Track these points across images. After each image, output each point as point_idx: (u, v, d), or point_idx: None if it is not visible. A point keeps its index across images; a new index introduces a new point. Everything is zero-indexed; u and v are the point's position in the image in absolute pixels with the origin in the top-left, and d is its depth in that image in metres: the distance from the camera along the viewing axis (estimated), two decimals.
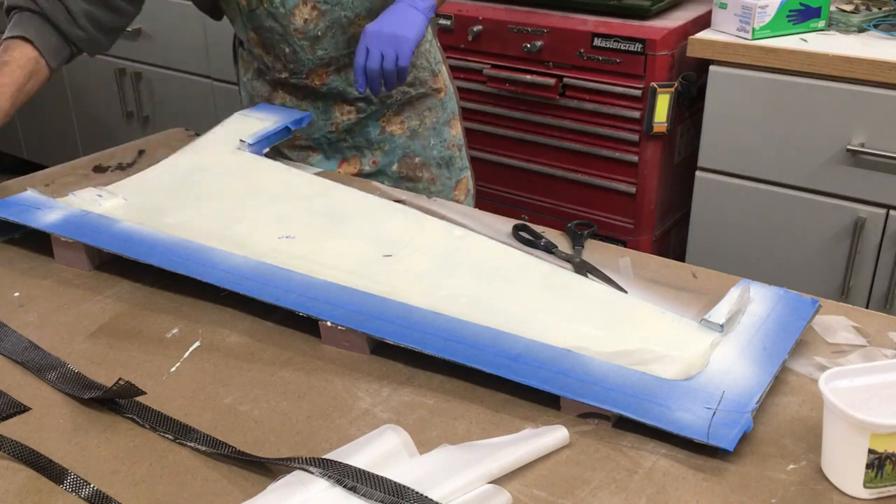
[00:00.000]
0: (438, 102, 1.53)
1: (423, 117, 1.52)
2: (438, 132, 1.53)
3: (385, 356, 0.95)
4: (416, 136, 1.51)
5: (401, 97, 1.48)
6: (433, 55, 1.52)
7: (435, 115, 1.53)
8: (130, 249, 1.09)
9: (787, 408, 0.87)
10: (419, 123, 1.51)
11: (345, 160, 1.51)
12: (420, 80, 1.49)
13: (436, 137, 1.53)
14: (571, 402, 0.85)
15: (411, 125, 1.51)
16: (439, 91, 1.53)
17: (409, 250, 1.10)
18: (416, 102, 1.51)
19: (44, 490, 0.78)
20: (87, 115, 3.13)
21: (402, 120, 1.50)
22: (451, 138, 1.55)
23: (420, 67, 1.49)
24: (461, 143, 1.58)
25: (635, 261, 1.12)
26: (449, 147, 1.55)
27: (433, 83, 1.52)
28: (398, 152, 1.51)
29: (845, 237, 1.83)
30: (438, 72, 1.53)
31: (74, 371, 0.93)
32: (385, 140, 1.50)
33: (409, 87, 1.49)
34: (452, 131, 1.56)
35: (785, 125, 1.83)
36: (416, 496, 0.72)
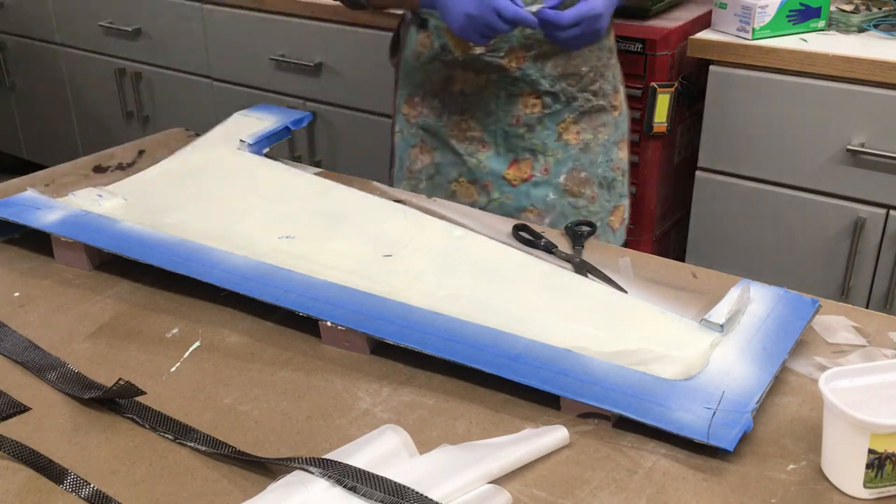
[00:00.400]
0: (613, 120, 1.47)
1: (596, 132, 1.45)
2: (608, 150, 1.47)
3: (385, 356, 0.95)
4: (587, 149, 1.45)
5: (583, 103, 1.42)
6: (615, 72, 1.48)
7: (608, 133, 1.47)
8: (130, 249, 1.09)
9: (787, 408, 0.87)
10: (592, 138, 1.45)
11: (516, 161, 1.43)
12: (603, 91, 1.44)
13: (604, 155, 1.47)
14: (571, 402, 0.85)
15: (585, 137, 1.44)
16: (616, 108, 1.48)
17: (409, 250, 1.10)
18: (594, 115, 1.44)
19: (44, 490, 0.78)
20: (87, 115, 3.13)
21: (578, 130, 1.43)
22: (618, 160, 1.49)
23: (606, 79, 1.44)
24: (625, 169, 1.52)
25: (635, 261, 1.12)
26: (613, 169, 1.48)
27: (613, 99, 1.47)
28: (569, 163, 1.44)
29: (845, 237, 1.83)
30: (618, 90, 1.48)
31: (74, 371, 0.93)
32: (560, 148, 1.43)
33: (594, 96, 1.43)
34: (620, 153, 1.50)
35: (785, 125, 1.83)
36: (416, 496, 0.72)
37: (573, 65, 1.38)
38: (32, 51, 3.16)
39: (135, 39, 2.81)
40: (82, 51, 2.99)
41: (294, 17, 2.39)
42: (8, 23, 3.20)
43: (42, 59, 3.14)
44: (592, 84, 1.42)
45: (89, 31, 2.92)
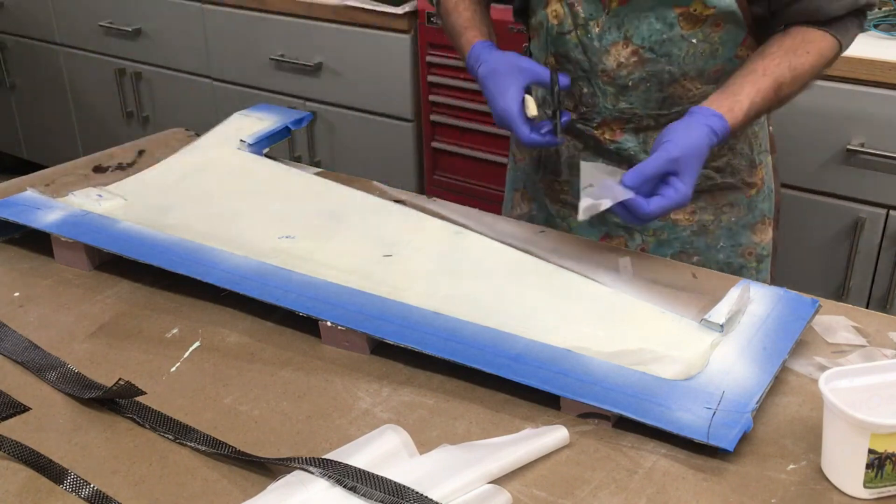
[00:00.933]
0: (745, 199, 1.23)
1: (719, 212, 1.22)
2: (735, 235, 1.23)
3: (385, 356, 0.95)
4: (704, 232, 1.22)
5: (702, 182, 1.17)
6: (760, 141, 1.23)
7: (736, 214, 1.23)
8: (130, 249, 1.09)
9: (787, 408, 0.87)
10: (713, 219, 1.22)
11: (608, 235, 1.25)
12: (733, 168, 1.21)
13: (728, 240, 1.23)
14: (571, 402, 0.85)
15: (703, 218, 1.22)
16: (752, 186, 1.23)
17: (409, 250, 1.10)
18: (716, 193, 1.22)
19: (44, 490, 0.78)
20: (87, 115, 3.13)
21: (694, 209, 1.21)
22: (751, 245, 1.25)
23: (739, 153, 1.21)
24: (765, 254, 1.27)
25: (635, 261, 1.12)
26: (743, 255, 1.25)
27: (748, 175, 1.22)
28: (676, 246, 1.23)
29: (845, 237, 1.83)
30: (760, 163, 1.24)
31: (74, 371, 0.93)
32: (665, 228, 1.22)
33: (716, 173, 1.20)
34: (756, 237, 1.25)
35: (785, 125, 1.83)
36: (416, 496, 0.72)
37: None
38: (32, 51, 3.16)
39: (135, 39, 2.81)
40: (82, 51, 2.99)
41: (294, 17, 2.39)
42: (8, 23, 3.20)
43: (42, 59, 3.14)
44: (716, 160, 1.19)
45: (89, 31, 2.91)
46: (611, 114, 1.17)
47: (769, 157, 1.26)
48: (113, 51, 2.89)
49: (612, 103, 1.16)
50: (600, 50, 1.13)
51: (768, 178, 1.26)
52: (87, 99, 3.09)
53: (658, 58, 1.12)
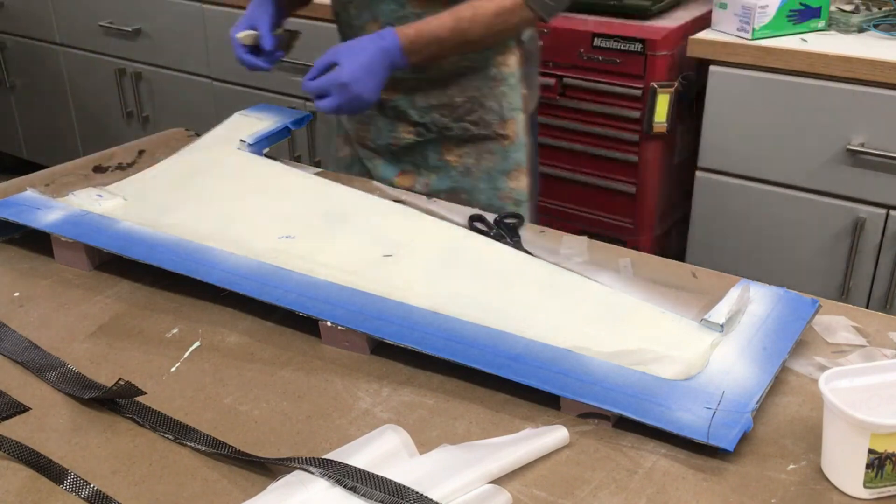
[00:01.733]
0: (501, 149, 1.43)
1: (480, 158, 1.43)
2: (493, 179, 1.43)
3: (385, 356, 0.95)
4: (468, 174, 1.44)
5: (461, 132, 1.42)
6: (510, 100, 1.42)
7: (493, 161, 1.43)
8: (130, 249, 1.09)
9: (787, 408, 0.87)
10: (475, 163, 1.43)
11: (402, 172, 1.47)
12: (485, 121, 1.41)
13: (487, 183, 1.44)
14: (571, 402, 0.85)
15: (467, 162, 1.43)
16: (505, 138, 1.43)
17: (409, 250, 1.10)
18: (477, 142, 1.43)
19: (44, 490, 0.78)
20: (87, 115, 3.13)
21: (460, 153, 1.43)
22: (508, 190, 1.44)
23: (489, 109, 1.41)
24: (522, 199, 1.46)
25: (635, 261, 1.12)
26: (501, 198, 1.44)
27: (499, 128, 1.42)
28: (449, 182, 1.44)
29: (845, 237, 1.83)
30: (510, 118, 1.42)
31: (74, 371, 0.93)
32: (441, 167, 1.44)
33: (472, 125, 1.42)
34: (511, 183, 1.44)
35: (785, 125, 1.83)
36: (416, 496, 0.72)
37: (447, 95, 1.39)
38: (32, 51, 3.16)
39: (135, 39, 2.81)
40: (82, 51, 2.99)
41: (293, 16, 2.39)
42: (8, 23, 3.20)
43: (42, 59, 3.14)
44: (470, 114, 1.41)
45: (89, 31, 2.92)
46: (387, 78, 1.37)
47: (521, 115, 1.44)
48: (113, 51, 2.89)
49: None
50: (360, 28, 1.38)
51: (521, 132, 1.45)
52: (87, 99, 3.09)
53: None
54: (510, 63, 1.40)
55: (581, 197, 2.18)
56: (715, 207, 1.98)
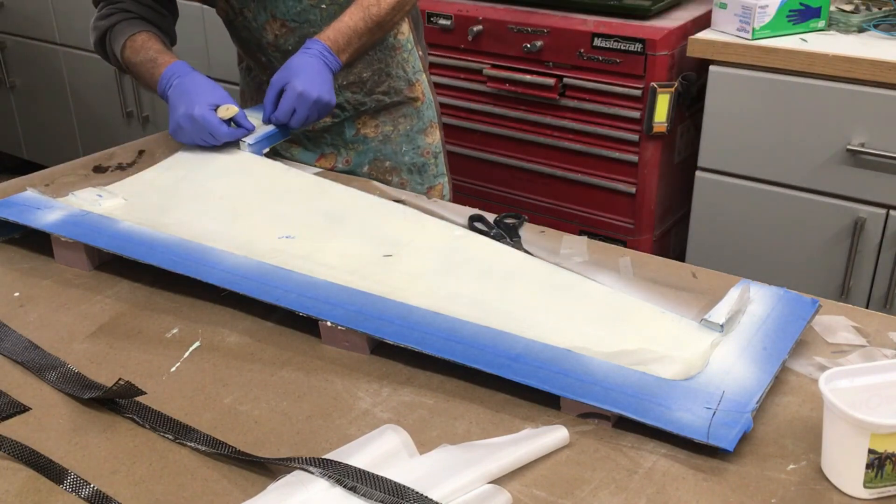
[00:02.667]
0: (414, 111, 1.56)
1: (396, 123, 1.55)
2: (412, 139, 1.56)
3: (385, 356, 0.95)
4: (388, 140, 1.54)
5: (375, 104, 1.52)
6: (412, 64, 1.55)
7: (409, 123, 1.56)
8: (130, 249, 1.09)
9: (787, 408, 0.87)
10: (392, 129, 1.55)
11: (322, 156, 1.54)
12: (395, 88, 1.53)
13: (408, 144, 1.56)
14: (571, 402, 0.85)
15: (385, 130, 1.54)
16: (416, 100, 1.56)
17: (409, 250, 1.10)
18: (391, 109, 1.54)
19: (44, 490, 0.78)
20: (87, 115, 3.13)
21: (376, 124, 1.54)
22: (426, 146, 1.58)
23: (395, 77, 1.52)
24: (438, 151, 1.61)
25: (635, 261, 1.12)
26: (423, 154, 1.58)
27: (409, 92, 1.54)
28: (370, 154, 1.54)
29: (845, 237, 1.83)
30: (416, 81, 1.55)
31: (74, 371, 0.93)
32: (359, 141, 1.53)
33: (384, 96, 1.52)
34: (428, 139, 1.58)
35: (785, 125, 1.83)
36: (416, 496, 0.72)
37: (354, 73, 1.47)
38: (32, 51, 3.16)
39: None
40: (82, 51, 2.99)
41: None
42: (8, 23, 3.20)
43: (42, 59, 3.14)
44: (380, 86, 1.50)
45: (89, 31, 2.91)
46: None
47: (423, 75, 1.57)
48: None
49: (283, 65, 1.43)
50: (259, 28, 1.44)
51: (428, 92, 1.59)
52: (87, 99, 3.09)
53: (301, 25, 1.43)
54: (404, 30, 1.50)
55: (581, 197, 2.18)
56: (715, 207, 1.98)
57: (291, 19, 1.42)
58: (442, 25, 2.23)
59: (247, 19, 1.44)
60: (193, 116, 1.32)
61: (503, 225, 1.19)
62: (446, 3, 2.24)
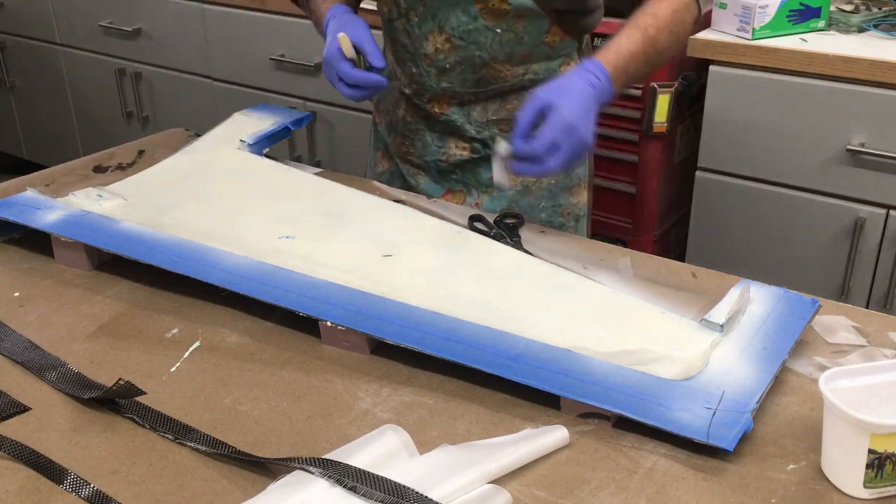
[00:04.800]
0: None
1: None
2: (554, 196, 1.37)
3: (385, 356, 0.95)
4: (527, 192, 1.36)
5: None
6: None
7: (555, 177, 1.36)
8: (130, 249, 1.09)
9: (787, 408, 0.87)
10: (535, 182, 1.36)
11: (450, 191, 1.39)
12: None
13: (548, 200, 1.37)
14: (571, 402, 0.85)
15: (526, 180, 1.35)
16: None
17: (409, 250, 1.10)
18: None
19: (44, 490, 0.78)
20: (87, 115, 3.13)
21: None
22: (569, 206, 1.38)
23: None
24: (582, 214, 1.40)
25: (635, 261, 1.12)
26: (562, 215, 1.38)
27: None
28: (503, 203, 1.37)
29: (845, 237, 1.83)
30: None
31: (74, 371, 0.93)
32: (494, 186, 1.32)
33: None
34: (573, 199, 1.39)
35: (785, 125, 1.83)
36: (416, 496, 0.72)
37: (507, 109, 1.30)
38: (32, 51, 3.16)
39: (135, 39, 2.81)
40: (82, 51, 2.99)
41: (294, 17, 2.39)
42: (8, 23, 3.20)
43: (42, 59, 3.14)
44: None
45: (89, 31, 2.91)
46: (436, 91, 1.32)
47: None
48: (113, 51, 2.89)
49: (436, 82, 1.31)
50: (420, 36, 1.28)
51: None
52: (87, 99, 3.09)
53: (468, 45, 1.26)
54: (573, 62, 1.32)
55: None
56: (715, 207, 1.98)
57: (459, 36, 1.25)
58: None
59: (410, 23, 1.28)
60: (324, 59, 1.22)
61: (503, 225, 1.19)
62: None
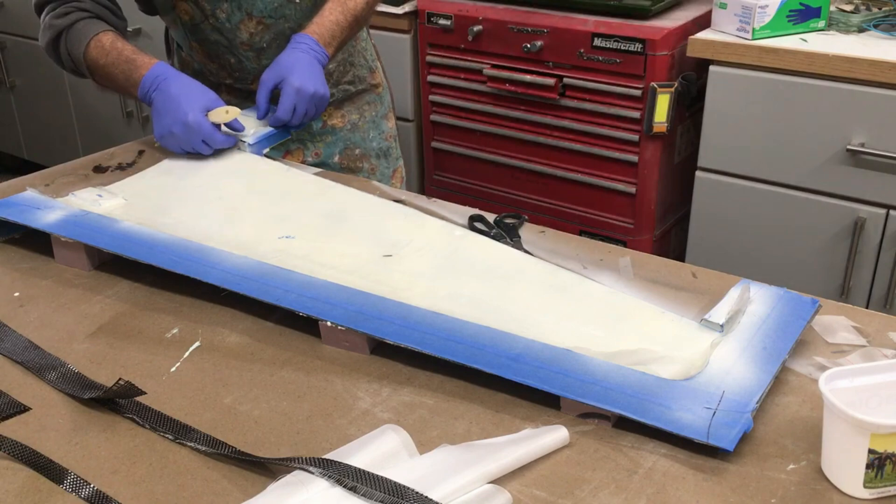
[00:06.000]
0: (377, 97, 1.61)
1: (362, 111, 1.59)
2: (377, 125, 1.61)
3: (385, 356, 0.95)
4: (356, 129, 1.58)
5: (341, 95, 1.56)
6: (369, 52, 1.60)
7: (374, 109, 1.61)
8: (130, 249, 1.09)
9: (787, 408, 0.87)
10: (359, 117, 1.59)
11: (288, 152, 1.54)
12: (359, 77, 1.57)
13: (374, 130, 1.61)
14: (571, 402, 0.85)
15: (352, 119, 1.58)
16: (377, 86, 1.61)
17: (409, 250, 1.10)
18: (355, 98, 1.58)
19: (44, 490, 0.78)
20: (87, 115, 3.13)
21: (342, 114, 1.57)
22: (389, 130, 1.64)
23: (358, 66, 1.57)
24: (395, 134, 1.67)
25: (635, 261, 1.12)
26: (386, 138, 1.63)
27: (371, 79, 1.60)
28: (340, 144, 1.57)
29: (845, 237, 1.83)
30: (375, 68, 1.61)
31: (74, 371, 0.93)
32: (327, 133, 1.56)
33: (349, 85, 1.56)
34: (389, 123, 1.64)
35: (785, 125, 1.83)
36: (416, 496, 0.72)
37: None
38: (32, 51, 3.16)
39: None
40: None
41: None
42: (8, 23, 3.20)
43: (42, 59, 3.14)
44: (345, 76, 1.55)
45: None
46: (258, 70, 1.47)
47: (379, 63, 1.64)
48: None
49: (255, 64, 1.48)
50: (233, 28, 1.43)
51: (383, 77, 1.64)
52: (87, 99, 3.09)
53: (276, 20, 1.44)
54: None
55: (581, 197, 2.19)
56: (715, 207, 1.98)
57: (268, 16, 1.43)
58: (442, 25, 2.23)
59: (219, 20, 1.43)
60: (187, 123, 1.29)
61: (503, 225, 1.19)
62: (446, 3, 2.24)
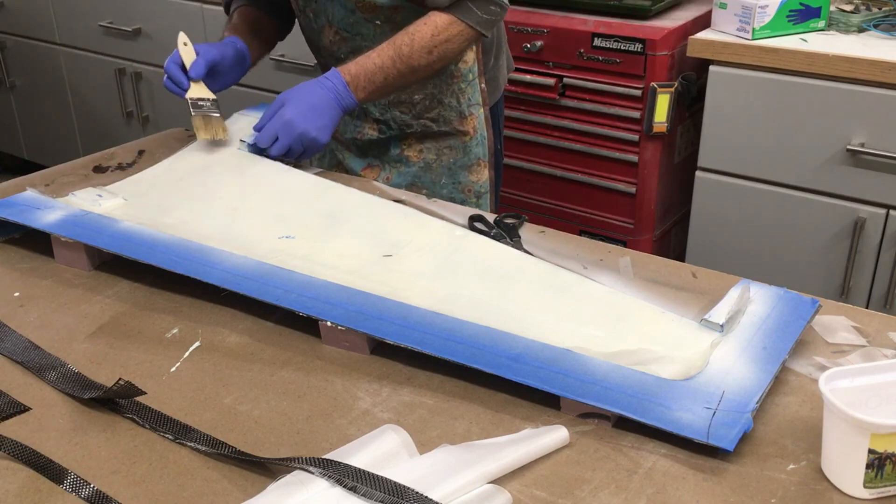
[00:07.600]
0: (461, 144, 1.48)
1: (440, 153, 1.49)
2: (453, 174, 1.49)
3: (385, 356, 0.95)
4: (429, 169, 1.49)
5: (421, 129, 1.47)
6: (469, 96, 1.46)
7: (454, 156, 1.48)
8: (130, 249, 1.09)
9: (787, 408, 0.87)
10: (435, 158, 1.49)
11: (369, 166, 1.54)
12: (444, 118, 1.46)
13: (448, 177, 1.49)
14: (571, 402, 0.85)
15: (427, 157, 1.49)
16: (465, 134, 1.47)
17: (409, 250, 1.10)
18: (438, 137, 1.48)
19: (44, 490, 0.78)
20: (87, 115, 3.13)
21: (420, 149, 1.49)
22: (469, 183, 1.50)
23: (447, 106, 1.45)
24: (483, 192, 1.51)
25: (635, 261, 1.12)
26: (463, 191, 1.50)
27: (459, 124, 1.47)
28: (409, 178, 1.50)
29: (845, 237, 1.83)
30: (470, 114, 1.47)
31: (74, 371, 0.93)
32: (401, 162, 1.50)
33: (432, 122, 1.47)
34: (472, 177, 1.50)
35: (785, 125, 1.83)
36: (416, 496, 0.72)
37: (407, 93, 1.43)
38: (32, 51, 3.16)
39: (135, 39, 2.81)
40: (82, 51, 2.99)
41: None
42: (8, 23, 3.20)
43: (42, 59, 3.14)
44: (429, 111, 1.45)
45: (89, 31, 2.92)
46: None
47: (481, 110, 1.48)
48: (113, 51, 2.89)
49: None
50: (317, 31, 1.45)
51: (480, 127, 1.49)
52: (87, 99, 3.09)
53: (353, 36, 1.41)
54: (467, 59, 1.43)
55: (581, 197, 2.19)
56: (715, 207, 1.98)
57: (345, 29, 1.40)
58: None
59: (308, 19, 1.45)
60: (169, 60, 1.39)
61: (503, 225, 1.19)
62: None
